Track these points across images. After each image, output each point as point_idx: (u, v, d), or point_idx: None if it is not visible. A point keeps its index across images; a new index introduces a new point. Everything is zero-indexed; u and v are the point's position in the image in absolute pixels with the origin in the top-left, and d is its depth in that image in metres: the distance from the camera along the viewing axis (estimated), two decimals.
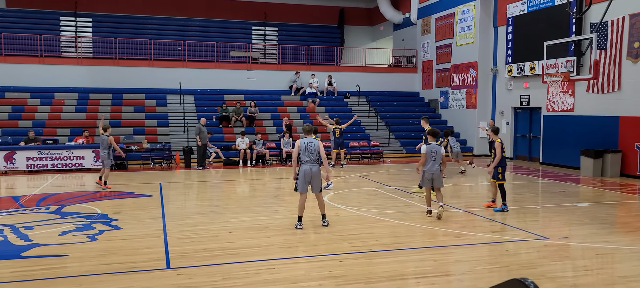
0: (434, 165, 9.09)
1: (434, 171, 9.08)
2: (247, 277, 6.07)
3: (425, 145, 9.18)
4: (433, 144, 9.19)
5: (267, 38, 29.24)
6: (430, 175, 9.12)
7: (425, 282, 5.95)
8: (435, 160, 9.07)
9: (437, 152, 9.10)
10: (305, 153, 8.43)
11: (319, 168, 8.55)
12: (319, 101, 24.15)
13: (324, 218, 8.72)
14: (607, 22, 16.08)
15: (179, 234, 8.20)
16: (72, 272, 6.35)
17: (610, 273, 6.41)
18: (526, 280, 2.77)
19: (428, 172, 9.12)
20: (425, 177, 9.21)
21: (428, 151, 9.08)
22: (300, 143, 8.50)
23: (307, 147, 8.44)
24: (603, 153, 15.66)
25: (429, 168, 9.10)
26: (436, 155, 9.08)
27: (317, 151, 8.45)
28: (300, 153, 8.49)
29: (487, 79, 22.04)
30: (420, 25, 26.28)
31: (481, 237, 8.10)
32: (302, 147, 8.45)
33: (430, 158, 9.07)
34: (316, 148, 8.45)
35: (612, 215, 10.10)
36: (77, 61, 22.81)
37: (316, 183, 8.48)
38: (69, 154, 16.93)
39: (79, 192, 12.81)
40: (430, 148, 9.10)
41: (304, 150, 8.43)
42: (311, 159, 8.43)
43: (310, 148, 8.43)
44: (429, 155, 9.07)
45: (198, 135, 17.92)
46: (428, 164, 9.10)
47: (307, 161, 8.43)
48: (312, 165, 8.44)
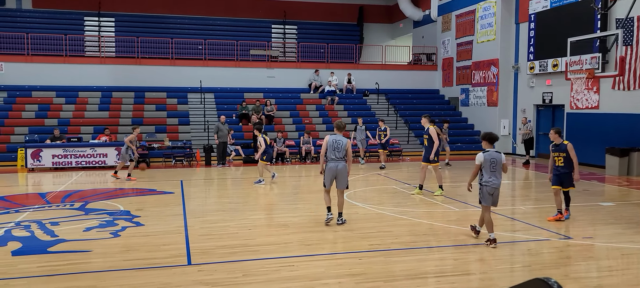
0: (494, 177, 7.29)
1: (496, 185, 7.30)
2: (266, 274, 6.11)
3: (482, 153, 7.33)
4: (491, 151, 7.34)
5: (286, 36, 29.32)
6: (491, 190, 7.29)
7: (445, 281, 5.91)
8: (495, 170, 7.27)
9: (498, 162, 7.29)
10: (332, 150, 8.46)
11: (345, 165, 8.53)
12: (338, 99, 24.13)
13: (340, 216, 8.70)
14: (633, 17, 15.72)
15: (199, 231, 8.29)
16: (96, 267, 6.48)
17: (636, 274, 6.28)
18: (549, 280, 2.72)
19: (490, 187, 7.28)
20: (485, 192, 7.31)
21: (486, 160, 7.28)
22: (328, 139, 8.54)
23: (335, 144, 8.47)
24: (629, 151, 15.32)
25: (492, 181, 7.28)
26: (496, 166, 7.27)
27: (344, 149, 8.47)
28: (328, 150, 8.51)
29: (508, 77, 21.75)
30: (441, 23, 26.05)
31: (503, 236, 8.01)
32: (330, 144, 8.49)
33: (490, 169, 7.28)
34: (344, 146, 8.47)
35: (638, 214, 9.88)
36: (101, 60, 23.21)
37: (341, 180, 8.52)
38: (92, 152, 17.24)
39: (103, 189, 13.04)
40: (488, 157, 7.29)
41: (332, 147, 8.46)
42: (337, 157, 8.45)
43: (338, 146, 8.46)
44: (488, 165, 7.29)
45: (216, 133, 18.06)
46: (486, 176, 7.31)
47: (333, 158, 8.46)
48: (338, 162, 8.46)
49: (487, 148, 7.36)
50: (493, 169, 7.25)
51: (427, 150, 11.58)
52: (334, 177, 8.49)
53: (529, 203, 10.90)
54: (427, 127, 11.57)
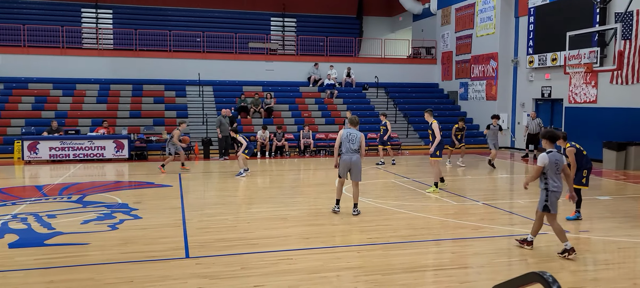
0: (560, 181, 6.61)
1: (561, 190, 6.64)
2: (264, 268, 6.11)
3: (545, 154, 6.56)
4: (554, 151, 6.63)
5: (285, 29, 29.25)
6: (558, 196, 6.60)
7: (443, 274, 5.93)
8: (559, 173, 6.61)
9: (561, 163, 6.62)
10: (347, 143, 8.74)
11: (358, 158, 8.79)
12: (337, 93, 24.10)
13: (356, 207, 8.92)
14: (632, 11, 15.70)
15: (198, 224, 8.29)
16: (93, 260, 6.47)
17: (632, 267, 6.30)
18: (545, 274, 2.74)
19: (558, 192, 6.57)
20: (554, 198, 6.57)
21: (551, 162, 6.50)
22: (342, 133, 8.84)
23: (349, 137, 8.75)
24: (626, 146, 15.34)
25: (558, 186, 6.56)
26: (559, 167, 6.61)
27: (358, 141, 8.73)
28: (342, 143, 8.80)
29: (507, 70, 21.74)
30: (440, 16, 25.99)
31: (500, 230, 8.02)
32: (344, 137, 8.78)
33: (555, 172, 6.53)
34: (358, 139, 8.74)
35: (634, 208, 9.90)
36: (98, 52, 23.13)
37: (355, 172, 8.78)
38: (90, 144, 17.20)
39: (100, 182, 13.03)
40: (553, 158, 6.52)
41: (346, 140, 8.75)
42: (351, 149, 8.71)
43: (352, 139, 8.74)
44: (553, 168, 6.52)
45: (219, 127, 18.02)
46: (551, 181, 6.54)
47: (346, 151, 8.75)
48: (351, 154, 8.73)
49: (550, 149, 6.62)
50: (558, 172, 6.56)
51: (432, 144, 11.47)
52: (348, 169, 8.81)
53: (526, 198, 10.91)
54: (430, 122, 11.45)
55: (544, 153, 6.59)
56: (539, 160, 6.56)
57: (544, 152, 6.60)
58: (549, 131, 6.83)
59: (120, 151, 17.37)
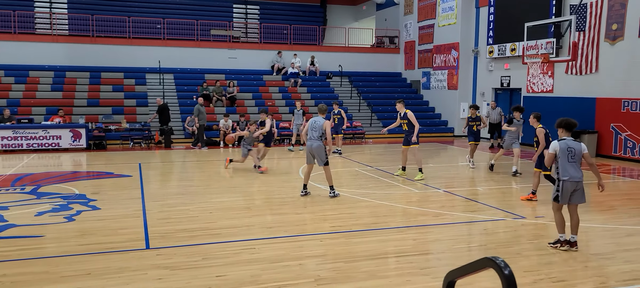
0: (574, 170, 6.28)
1: (577, 179, 6.27)
2: (226, 257, 6.06)
3: (557, 141, 6.38)
4: (568, 139, 6.41)
5: (248, 16, 28.87)
6: (573, 185, 6.25)
7: (405, 261, 6.02)
8: (574, 161, 6.27)
9: (577, 152, 6.30)
10: (310, 130, 9.33)
11: (320, 144, 9.26)
12: (301, 81, 24.03)
13: (332, 189, 9.35)
14: (586, 3, 16.23)
15: (158, 215, 8.14)
16: (49, 252, 6.27)
17: (585, 251, 6.56)
18: (497, 259, 2.81)
19: (571, 182, 6.24)
20: (566, 188, 6.27)
21: (562, 150, 6.30)
22: (310, 121, 9.44)
23: (313, 125, 9.33)
24: (580, 134, 15.91)
25: (572, 175, 6.26)
26: (575, 156, 6.29)
27: (320, 129, 9.24)
28: (308, 131, 9.40)
29: (468, 60, 22.15)
30: (403, 5, 26.20)
31: (460, 216, 8.21)
32: (309, 125, 9.39)
33: (567, 160, 6.25)
34: (320, 126, 9.27)
35: (587, 194, 10.27)
36: (53, 38, 22.27)
37: (318, 157, 9.29)
38: (45, 134, 16.60)
39: (56, 172, 12.61)
40: (564, 146, 6.31)
41: (310, 128, 9.34)
42: (313, 136, 9.26)
43: (314, 126, 9.31)
44: (564, 155, 6.27)
45: (197, 115, 17.74)
46: (563, 169, 6.28)
47: (309, 138, 9.33)
48: (312, 141, 9.28)
49: (564, 136, 6.42)
50: (572, 160, 6.24)
51: (408, 133, 11.61)
52: (312, 154, 9.33)
53: (485, 185, 11.20)
54: (404, 112, 11.56)
55: (555, 141, 6.43)
56: (550, 147, 6.43)
57: (557, 140, 6.44)
58: (564, 119, 6.49)
59: (78, 140, 16.84)
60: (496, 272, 2.77)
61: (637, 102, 14.74)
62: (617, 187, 11.40)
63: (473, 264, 3.09)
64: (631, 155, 14.85)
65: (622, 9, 15.17)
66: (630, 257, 6.25)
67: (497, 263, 2.77)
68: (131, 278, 5.39)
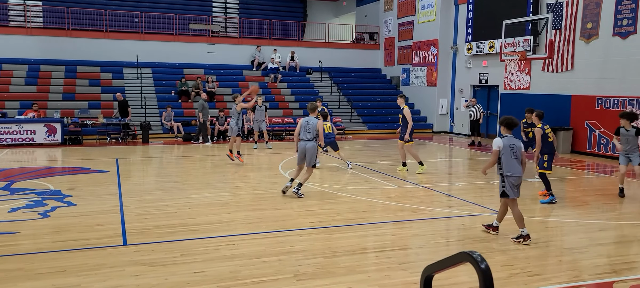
0: (517, 166, 6.59)
1: (520, 174, 6.63)
2: (206, 254, 6.02)
3: (500, 138, 6.63)
4: (510, 136, 6.67)
5: (228, 11, 28.63)
6: (516, 180, 6.60)
7: (384, 256, 6.06)
8: (516, 157, 6.59)
9: (518, 149, 6.62)
10: (303, 131, 9.18)
11: (313, 144, 9.13)
12: (281, 77, 23.96)
13: (299, 187, 9.13)
14: (562, 2, 16.51)
15: (136, 210, 8.04)
16: (24, 249, 6.14)
17: (559, 245, 6.69)
18: (474, 253, 2.85)
19: (514, 177, 6.58)
20: (510, 183, 6.59)
21: (505, 147, 6.55)
22: (302, 121, 9.29)
23: (306, 125, 9.19)
24: (556, 130, 16.18)
25: (515, 170, 6.57)
26: (517, 152, 6.61)
27: (314, 129, 9.13)
28: (300, 131, 9.23)
29: (447, 57, 22.35)
30: (383, 2, 26.29)
31: (438, 212, 8.29)
32: (302, 125, 9.24)
33: (511, 157, 6.56)
34: (314, 126, 9.13)
35: (561, 190, 10.51)
36: (27, 31, 21.76)
37: (309, 157, 9.14)
38: (18, 128, 16.24)
39: (30, 168, 12.35)
40: (508, 143, 6.57)
41: (303, 129, 9.20)
42: (307, 137, 9.13)
43: (308, 127, 9.18)
44: (508, 152, 6.56)
45: (201, 111, 17.60)
46: (507, 166, 6.56)
47: (303, 139, 9.18)
48: (306, 142, 9.13)
49: (506, 134, 6.67)
50: (514, 157, 6.55)
51: (403, 129, 11.83)
52: (304, 154, 9.15)
53: (463, 181, 11.33)
54: (402, 107, 11.73)
55: (498, 138, 6.65)
56: (494, 143, 6.66)
57: (499, 137, 6.67)
58: (507, 118, 6.76)
59: (53, 135, 16.52)
60: (473, 266, 2.81)
61: (610, 100, 15.08)
62: (590, 183, 11.66)
63: (450, 258, 3.13)
64: (605, 151, 15.18)
65: (596, 8, 15.48)
66: (603, 251, 6.40)
67: (474, 258, 2.82)
68: (108, 274, 5.32)
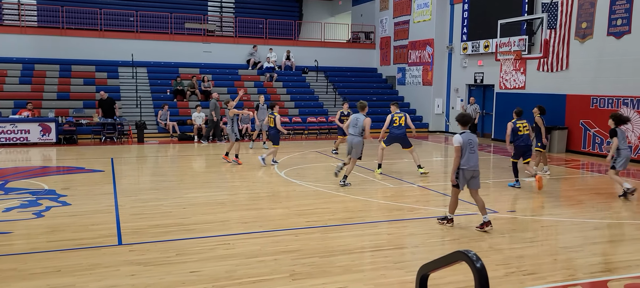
0: (474, 159, 7.10)
1: (476, 167, 7.10)
2: (201, 253, 6.00)
3: (459, 135, 7.08)
4: (467, 132, 7.13)
5: (223, 10, 28.58)
6: (472, 172, 7.07)
7: (380, 255, 6.06)
8: (474, 152, 7.10)
9: (475, 143, 7.13)
10: (352, 127, 10.06)
11: (360, 140, 9.99)
12: (277, 76, 23.93)
13: (345, 179, 10.06)
14: (557, 2, 16.56)
15: (131, 210, 8.02)
16: (18, 249, 6.11)
17: (554, 244, 6.72)
18: (469, 252, 2.85)
19: (469, 170, 7.04)
20: (463, 176, 7.10)
21: (465, 142, 7.02)
22: (351, 117, 10.21)
23: (355, 121, 10.05)
24: (551, 130, 16.25)
25: (472, 163, 7.05)
26: (474, 147, 7.10)
27: (361, 126, 9.95)
28: (349, 126, 10.16)
29: (443, 56, 22.39)
30: (379, 1, 26.30)
31: (434, 211, 8.30)
32: (351, 121, 10.15)
33: (469, 151, 7.04)
34: (361, 123, 9.95)
35: (556, 189, 10.55)
36: (21, 30, 21.64)
37: (355, 151, 10.07)
38: (12, 128, 16.15)
39: (25, 167, 12.29)
40: (466, 138, 7.04)
41: (352, 124, 10.08)
42: (354, 132, 10.02)
43: (356, 123, 10.03)
44: (467, 146, 7.03)
45: (213, 110, 17.63)
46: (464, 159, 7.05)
47: (350, 133, 10.09)
48: (354, 137, 10.03)
49: (464, 130, 7.11)
50: (472, 151, 7.05)
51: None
52: (351, 147, 10.06)
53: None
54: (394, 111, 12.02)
55: (458, 135, 7.08)
56: (455, 140, 7.07)
57: (459, 134, 7.09)
58: (463, 115, 7.26)
59: (47, 135, 16.44)
60: (468, 265, 2.81)
61: (605, 99, 15.14)
62: (585, 182, 11.70)
63: (446, 258, 3.13)
64: (599, 150, 15.25)
65: (591, 8, 15.54)
66: (597, 250, 6.42)
67: (469, 257, 2.82)
68: (103, 274, 5.29)
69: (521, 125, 10.29)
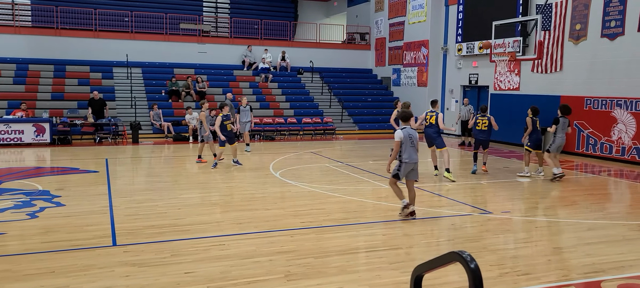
0: (414, 153, 7.63)
1: (416, 160, 7.65)
2: (196, 254, 6.00)
3: (400, 130, 7.59)
4: (408, 127, 7.67)
5: (218, 10, 28.55)
6: (412, 165, 7.63)
7: (375, 256, 6.07)
8: (413, 146, 7.62)
9: (415, 138, 7.67)
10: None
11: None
12: (272, 77, 23.93)
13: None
14: (551, 3, 16.64)
15: (126, 211, 7.99)
16: (11, 250, 6.08)
17: (547, 244, 6.75)
18: (463, 253, 2.86)
19: (410, 163, 7.58)
20: (404, 169, 7.65)
21: (405, 137, 7.53)
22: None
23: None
24: (545, 131, 16.32)
25: (413, 157, 7.60)
26: (415, 141, 7.65)
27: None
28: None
29: (437, 58, 22.45)
30: (374, 2, 26.35)
31: (429, 212, 8.32)
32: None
33: (409, 146, 7.57)
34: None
35: (550, 190, 10.60)
36: (15, 30, 21.54)
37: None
38: (6, 128, 16.07)
39: (19, 168, 12.23)
40: (407, 133, 7.55)
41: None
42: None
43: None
44: (408, 141, 7.56)
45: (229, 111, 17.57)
46: (406, 153, 7.56)
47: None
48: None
49: (404, 126, 7.66)
50: (412, 145, 7.59)
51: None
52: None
53: (454, 181, 11.38)
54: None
55: (399, 130, 7.57)
56: (396, 135, 7.58)
57: (400, 129, 7.57)
58: (403, 112, 7.77)
59: (41, 135, 16.37)
60: (462, 265, 2.82)
61: (598, 100, 15.22)
62: (579, 183, 11.76)
63: (440, 258, 3.14)
64: (593, 151, 15.33)
65: (585, 10, 15.62)
66: (591, 250, 6.46)
67: (464, 257, 2.82)
68: (97, 275, 5.28)
69: (480, 121, 11.81)
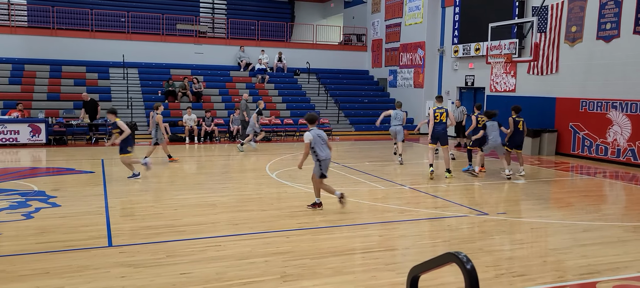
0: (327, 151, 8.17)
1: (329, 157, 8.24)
2: (192, 255, 5.99)
3: (309, 132, 8.02)
4: (315, 128, 8.14)
5: (215, 11, 28.54)
6: (327, 163, 8.26)
7: (370, 257, 6.07)
8: (324, 143, 8.14)
9: (324, 137, 8.18)
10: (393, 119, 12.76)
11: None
12: (269, 77, 23.92)
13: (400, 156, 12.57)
14: (547, 6, 16.70)
15: (121, 211, 7.98)
16: (6, 251, 6.05)
17: (543, 246, 6.77)
18: (460, 254, 2.86)
19: (326, 160, 8.19)
20: (325, 165, 8.20)
21: (315, 138, 8.02)
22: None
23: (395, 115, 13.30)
24: (541, 132, 16.39)
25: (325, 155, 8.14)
26: (324, 140, 8.17)
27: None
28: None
29: (434, 59, 22.49)
30: (371, 4, 26.38)
31: (425, 213, 8.34)
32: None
33: (320, 144, 8.08)
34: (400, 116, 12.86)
35: (546, 191, 10.63)
36: (11, 30, 21.48)
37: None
38: (2, 128, 16.00)
39: (14, 168, 12.18)
40: (316, 134, 8.05)
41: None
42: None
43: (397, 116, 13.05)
44: (319, 141, 8.07)
45: (245, 110, 17.64)
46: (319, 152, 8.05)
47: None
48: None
49: (312, 127, 8.11)
50: (323, 143, 8.09)
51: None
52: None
53: (450, 182, 11.40)
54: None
55: (308, 132, 7.97)
56: (305, 138, 7.98)
57: (308, 132, 7.95)
58: (311, 115, 8.26)
59: (37, 136, 16.31)
60: (459, 266, 2.82)
61: (594, 102, 15.28)
62: (574, 184, 11.80)
63: (436, 259, 3.14)
64: (588, 153, 15.39)
65: (581, 12, 15.68)
66: (586, 251, 6.48)
67: (460, 258, 2.82)
68: (93, 276, 5.26)
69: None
